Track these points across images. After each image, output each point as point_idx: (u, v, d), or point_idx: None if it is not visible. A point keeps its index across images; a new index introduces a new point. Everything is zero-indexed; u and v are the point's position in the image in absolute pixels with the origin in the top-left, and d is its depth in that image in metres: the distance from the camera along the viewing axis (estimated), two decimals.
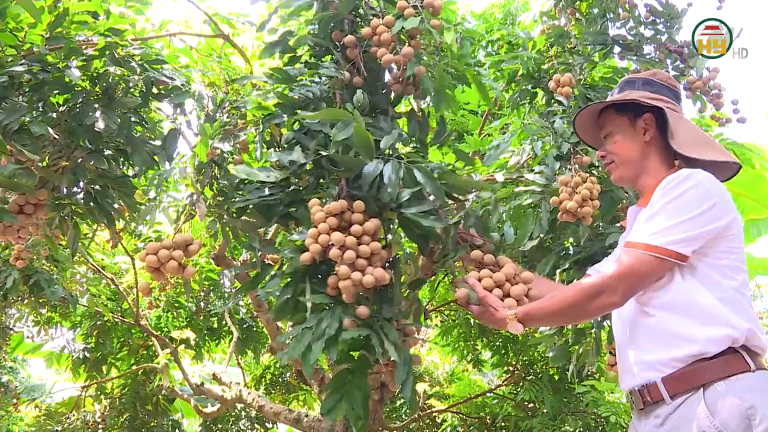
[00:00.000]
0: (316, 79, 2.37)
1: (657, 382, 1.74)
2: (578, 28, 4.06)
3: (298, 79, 2.34)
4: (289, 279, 1.97)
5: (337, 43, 2.37)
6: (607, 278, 1.76)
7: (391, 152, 2.09)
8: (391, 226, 2.10)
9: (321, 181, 2.11)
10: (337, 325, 1.84)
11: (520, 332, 1.84)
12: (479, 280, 1.95)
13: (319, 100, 2.28)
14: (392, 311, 1.94)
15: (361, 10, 2.40)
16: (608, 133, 2.06)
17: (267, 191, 2.10)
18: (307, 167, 2.10)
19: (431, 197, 2.00)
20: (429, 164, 2.03)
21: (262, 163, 2.32)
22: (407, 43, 2.25)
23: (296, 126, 2.22)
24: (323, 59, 2.37)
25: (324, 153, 2.07)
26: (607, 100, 2.09)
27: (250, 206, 2.14)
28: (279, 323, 5.54)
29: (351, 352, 1.94)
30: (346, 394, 1.90)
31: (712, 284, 1.75)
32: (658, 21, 3.88)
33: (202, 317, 7.23)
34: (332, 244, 1.88)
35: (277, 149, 2.29)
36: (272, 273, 2.02)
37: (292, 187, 2.12)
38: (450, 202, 2.21)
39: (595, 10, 4.03)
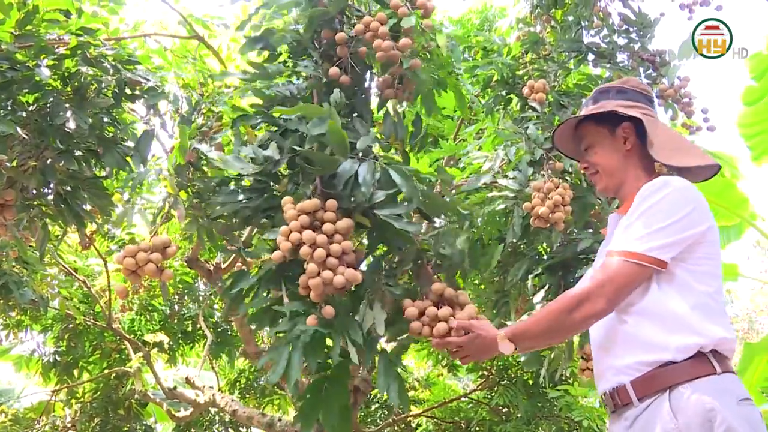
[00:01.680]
0: (294, 79, 2.35)
1: (626, 385, 1.76)
2: (553, 35, 4.10)
3: (275, 77, 2.33)
4: (260, 281, 1.96)
5: (319, 43, 2.36)
6: (591, 286, 1.76)
7: (366, 154, 2.08)
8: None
9: (296, 181, 2.09)
10: (312, 332, 1.82)
11: (509, 352, 1.82)
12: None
13: (295, 99, 2.27)
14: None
15: (347, 12, 2.40)
16: (588, 145, 2.07)
17: (242, 196, 2.09)
18: (282, 166, 2.09)
19: (406, 202, 1.99)
20: (408, 168, 2.02)
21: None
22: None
23: (272, 128, 2.20)
24: (302, 58, 2.36)
25: (298, 148, 2.05)
26: (583, 112, 2.09)
27: (226, 212, 2.13)
28: (252, 326, 5.50)
29: (329, 360, 1.92)
30: (323, 402, 1.88)
31: (688, 291, 1.76)
32: (631, 30, 3.93)
33: (176, 320, 7.15)
34: (303, 243, 1.85)
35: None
36: (244, 278, 2.00)
37: (268, 193, 2.11)
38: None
39: (570, 18, 4.08)
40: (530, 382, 6.41)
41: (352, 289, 2.03)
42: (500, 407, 6.54)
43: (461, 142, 4.58)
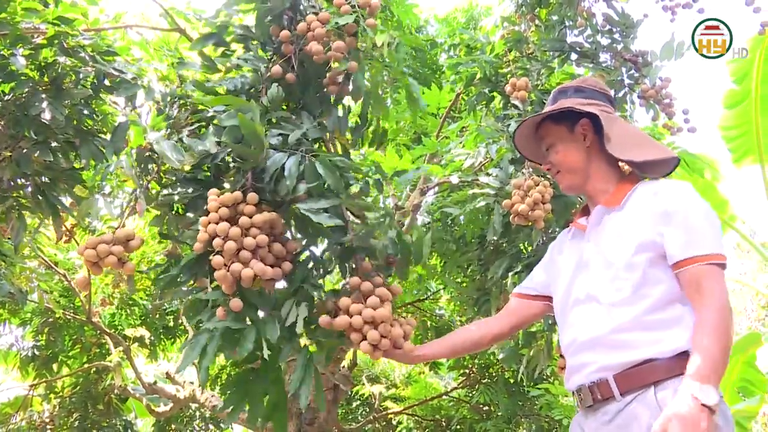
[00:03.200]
0: (248, 74, 2.35)
1: (608, 379, 1.76)
2: (537, 34, 4.11)
3: (230, 72, 2.33)
4: (183, 269, 1.97)
5: (273, 38, 2.35)
6: (716, 302, 1.68)
7: (298, 147, 2.09)
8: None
9: (236, 172, 2.11)
10: (228, 322, 1.85)
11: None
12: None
13: (239, 93, 2.27)
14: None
15: (302, 8, 2.39)
16: (549, 144, 2.06)
17: (197, 185, 2.10)
18: (220, 160, 2.09)
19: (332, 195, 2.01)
20: (338, 159, 2.03)
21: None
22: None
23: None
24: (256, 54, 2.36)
25: (219, 140, 2.07)
26: (542, 111, 2.09)
27: (173, 203, 2.14)
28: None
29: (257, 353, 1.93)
30: (248, 394, 1.91)
31: (680, 292, 1.76)
32: (614, 30, 3.94)
33: (157, 315, 7.11)
34: (217, 234, 1.88)
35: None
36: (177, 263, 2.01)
37: (212, 185, 2.13)
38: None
39: (554, 17, 4.09)
40: (511, 380, 6.44)
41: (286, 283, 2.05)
42: (481, 405, 6.56)
43: (444, 140, 4.58)
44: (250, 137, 1.95)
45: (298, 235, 2.17)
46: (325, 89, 2.36)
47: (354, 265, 2.04)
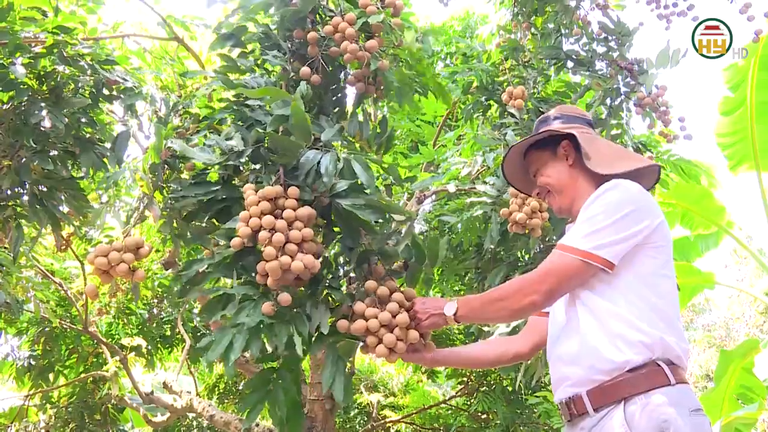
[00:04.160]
0: (264, 76, 2.37)
1: (582, 395, 1.79)
2: (533, 43, 4.13)
3: (246, 72, 2.34)
4: (213, 267, 1.95)
5: (291, 42, 2.37)
6: (532, 277, 1.82)
7: (330, 147, 2.11)
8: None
9: (258, 173, 2.10)
10: (258, 318, 1.83)
11: (450, 312, 1.90)
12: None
13: None
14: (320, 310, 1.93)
15: (320, 12, 2.42)
16: (536, 170, 2.15)
17: (207, 188, 2.09)
18: (246, 157, 2.09)
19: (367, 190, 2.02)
20: (370, 157, 2.05)
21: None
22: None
23: (239, 122, 2.21)
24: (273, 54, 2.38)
25: (262, 132, 2.06)
26: (524, 139, 2.19)
27: (192, 203, 2.13)
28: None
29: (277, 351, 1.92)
30: (270, 394, 1.88)
31: (633, 294, 1.79)
32: (610, 38, 3.97)
33: (154, 324, 7.09)
34: (262, 228, 1.86)
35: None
36: (203, 267, 1.98)
37: (228, 183, 2.13)
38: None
39: (551, 26, 4.12)
40: (509, 388, 6.43)
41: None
42: (479, 413, 6.55)
43: (441, 148, 4.59)
44: (299, 128, 1.96)
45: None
46: (340, 94, 2.38)
47: (368, 269, 2.04)
